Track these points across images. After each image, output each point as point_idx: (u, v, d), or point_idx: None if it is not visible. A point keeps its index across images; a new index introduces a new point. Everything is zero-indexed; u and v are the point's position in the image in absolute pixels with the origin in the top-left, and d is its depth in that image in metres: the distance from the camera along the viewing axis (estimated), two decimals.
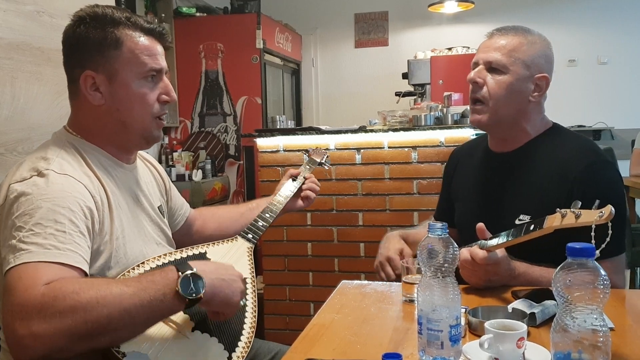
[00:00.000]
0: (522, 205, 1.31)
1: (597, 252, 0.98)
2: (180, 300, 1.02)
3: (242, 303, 1.19)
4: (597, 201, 1.11)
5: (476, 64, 1.55)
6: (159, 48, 1.26)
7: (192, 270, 1.04)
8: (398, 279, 1.40)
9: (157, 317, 1.05)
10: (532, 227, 1.24)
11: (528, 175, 1.52)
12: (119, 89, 1.22)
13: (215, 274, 1.10)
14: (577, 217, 1.13)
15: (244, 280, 1.18)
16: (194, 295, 1.03)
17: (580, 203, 1.15)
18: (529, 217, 1.38)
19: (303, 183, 1.72)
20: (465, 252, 1.33)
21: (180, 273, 1.03)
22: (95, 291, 0.97)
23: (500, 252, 1.32)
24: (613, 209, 1.07)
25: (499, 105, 1.50)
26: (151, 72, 1.24)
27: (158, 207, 1.41)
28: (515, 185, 1.53)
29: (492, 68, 1.50)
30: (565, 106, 5.47)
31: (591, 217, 1.10)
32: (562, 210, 1.16)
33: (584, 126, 5.31)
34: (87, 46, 1.20)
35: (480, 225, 1.35)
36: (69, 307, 0.94)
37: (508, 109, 1.51)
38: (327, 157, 1.84)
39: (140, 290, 1.00)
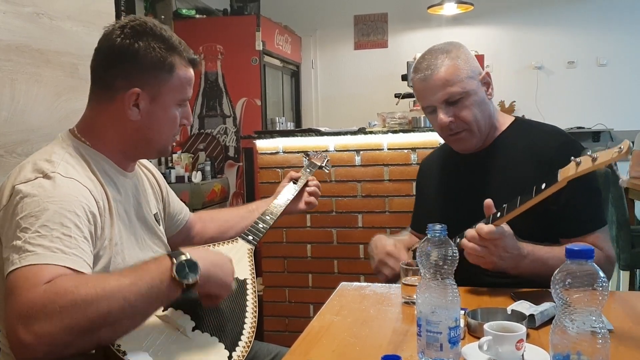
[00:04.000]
0: (503, 199, 1.32)
1: None
2: (177, 285, 1.03)
3: (234, 285, 1.23)
4: (609, 142, 1.12)
5: (432, 108, 1.54)
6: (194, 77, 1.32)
7: (185, 256, 1.06)
8: (398, 277, 1.40)
9: (156, 304, 1.05)
10: (543, 185, 1.23)
11: (504, 168, 1.54)
12: (158, 110, 1.24)
13: (207, 259, 1.12)
14: (594, 160, 1.12)
15: (232, 262, 1.21)
16: (190, 280, 1.04)
17: (590, 150, 1.15)
18: None
19: (305, 185, 1.72)
20: (471, 230, 1.32)
21: (174, 260, 1.04)
22: (93, 284, 0.97)
23: (506, 227, 1.31)
24: (631, 143, 1.08)
25: (480, 124, 1.53)
26: (185, 101, 1.29)
27: (154, 215, 1.42)
28: (493, 180, 1.55)
29: (451, 102, 1.51)
30: (565, 107, 5.48)
31: (609, 155, 1.09)
32: (577, 158, 1.16)
33: (583, 127, 5.31)
34: (143, 63, 1.21)
35: (488, 201, 1.35)
36: (69, 302, 0.94)
37: (485, 120, 1.55)
38: (328, 160, 1.84)
39: (137, 279, 1.01)
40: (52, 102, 1.71)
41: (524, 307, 1.17)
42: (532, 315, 1.14)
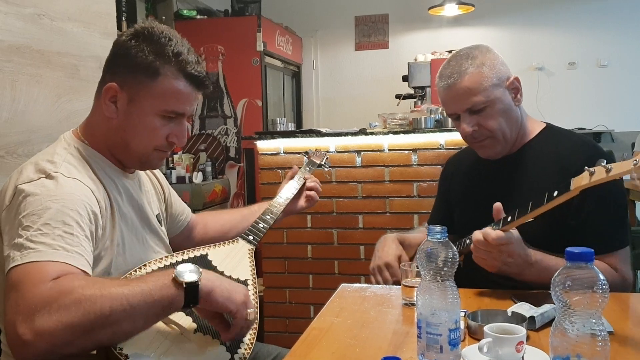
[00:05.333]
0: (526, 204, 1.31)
1: None
2: (179, 287, 1.02)
3: (254, 314, 1.16)
4: (624, 153, 1.09)
5: (456, 115, 1.52)
6: (193, 94, 1.26)
7: (193, 282, 1.05)
8: (395, 283, 1.39)
9: (157, 308, 1.03)
10: (555, 193, 1.20)
11: (529, 175, 1.52)
12: (134, 113, 1.22)
13: (211, 275, 1.11)
14: (608, 171, 1.08)
15: (246, 290, 1.17)
16: (191, 279, 1.03)
17: (605, 161, 1.10)
18: None
19: (303, 185, 1.72)
20: (477, 234, 1.30)
21: (183, 283, 1.03)
22: (99, 285, 0.98)
23: (514, 232, 1.29)
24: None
25: (505, 132, 1.50)
26: (171, 114, 1.24)
27: (157, 216, 1.42)
28: (517, 185, 1.53)
29: (475, 110, 1.48)
30: (566, 109, 5.48)
31: (624, 167, 1.04)
32: (590, 168, 1.13)
33: (584, 129, 5.30)
34: (129, 62, 1.21)
35: (497, 204, 1.32)
36: (74, 300, 0.94)
37: (511, 127, 1.51)
38: (327, 158, 1.84)
39: (141, 281, 1.02)
40: (52, 103, 1.71)
41: (524, 309, 1.17)
42: (532, 317, 1.14)
